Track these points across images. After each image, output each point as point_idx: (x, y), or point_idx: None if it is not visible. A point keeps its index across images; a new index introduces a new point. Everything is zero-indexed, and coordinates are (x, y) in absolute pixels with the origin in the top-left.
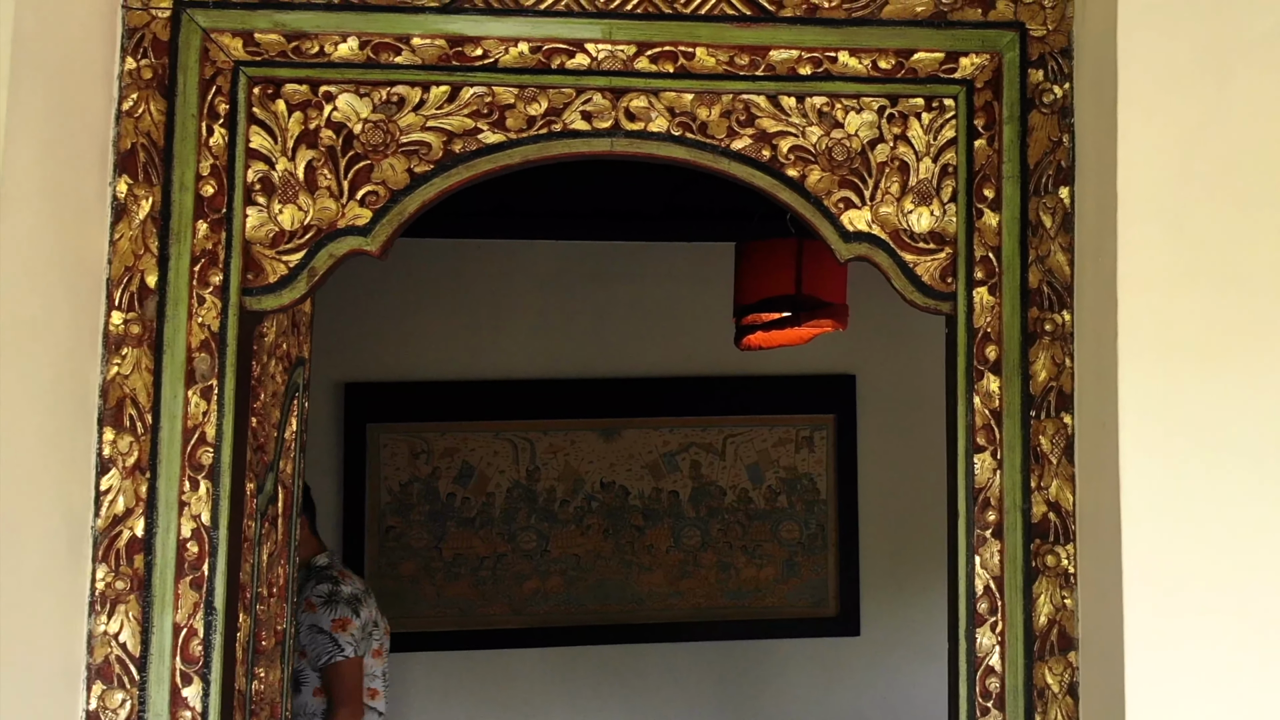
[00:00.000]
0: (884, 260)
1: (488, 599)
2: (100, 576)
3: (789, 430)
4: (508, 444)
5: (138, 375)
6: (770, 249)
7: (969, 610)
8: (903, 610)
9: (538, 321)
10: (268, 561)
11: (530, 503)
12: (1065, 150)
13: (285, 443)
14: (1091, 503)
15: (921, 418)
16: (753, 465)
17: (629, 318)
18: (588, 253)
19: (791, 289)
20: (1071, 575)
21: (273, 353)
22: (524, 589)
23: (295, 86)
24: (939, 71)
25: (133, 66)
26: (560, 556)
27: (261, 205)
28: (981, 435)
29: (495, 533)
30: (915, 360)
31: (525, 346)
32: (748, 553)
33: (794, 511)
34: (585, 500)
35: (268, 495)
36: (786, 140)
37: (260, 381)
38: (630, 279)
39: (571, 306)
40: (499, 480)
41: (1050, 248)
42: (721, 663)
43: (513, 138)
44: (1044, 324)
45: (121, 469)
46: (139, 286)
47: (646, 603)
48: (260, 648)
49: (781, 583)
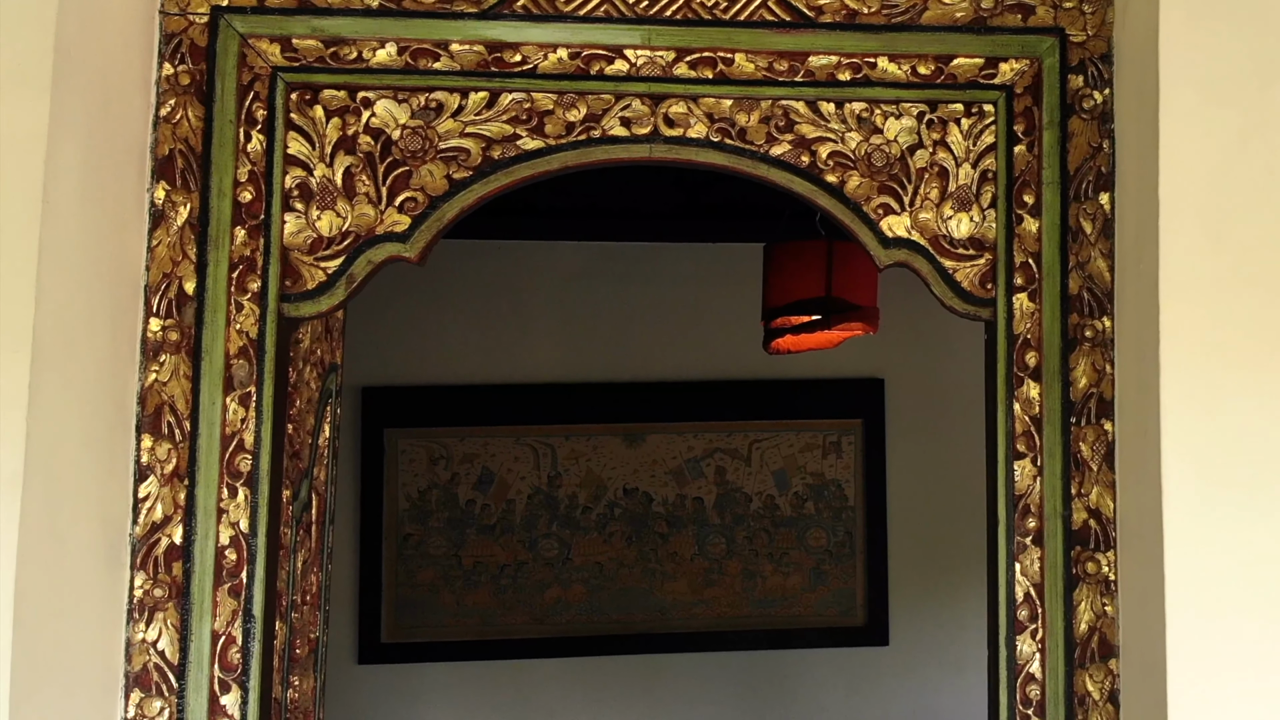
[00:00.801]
0: (923, 266)
1: (508, 608)
2: (139, 584)
3: (816, 435)
4: (528, 449)
5: (176, 382)
6: (799, 250)
7: (1009, 617)
8: (933, 620)
9: (559, 324)
10: (302, 569)
11: (551, 509)
12: (1105, 156)
13: (319, 449)
14: (1132, 509)
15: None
16: (779, 471)
17: (653, 320)
18: (611, 253)
19: (821, 291)
20: (1112, 582)
21: (308, 359)
22: (545, 598)
23: (333, 92)
24: (978, 77)
25: (170, 72)
26: (582, 564)
27: (300, 211)
28: (1021, 442)
29: (516, 540)
30: (945, 364)
31: (547, 349)
32: (774, 561)
33: (821, 518)
34: (608, 507)
35: (302, 502)
36: (825, 146)
37: (296, 388)
38: (655, 280)
39: (594, 308)
40: (519, 486)
41: (1090, 254)
42: (747, 673)
43: (551, 144)
44: (1084, 330)
45: (160, 476)
46: (177, 293)
47: (670, 612)
48: (295, 656)
49: (808, 591)
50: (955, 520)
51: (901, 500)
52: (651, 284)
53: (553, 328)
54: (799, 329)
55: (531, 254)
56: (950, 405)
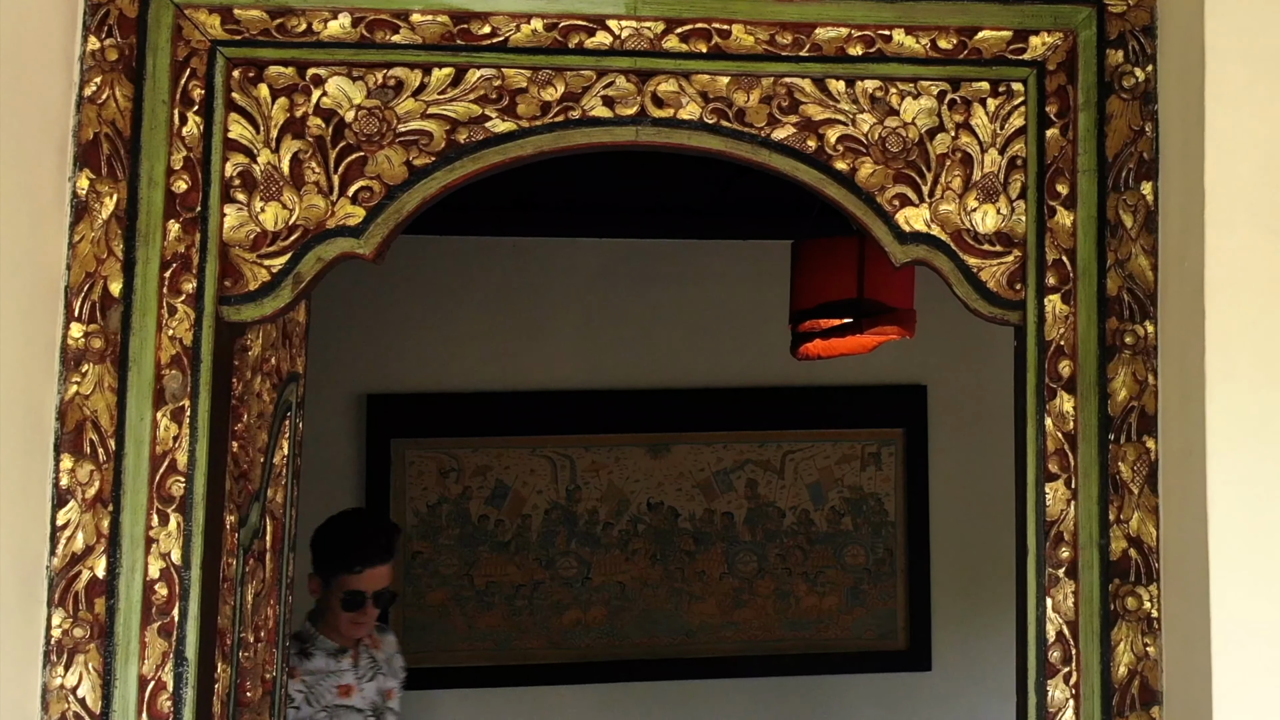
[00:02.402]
0: (944, 264)
1: (524, 631)
2: (56, 623)
3: (854, 446)
4: (546, 461)
5: (100, 395)
6: (830, 248)
7: (1039, 659)
8: (978, 643)
9: (579, 327)
10: (253, 602)
11: (570, 525)
12: (1148, 141)
13: (275, 469)
14: (1177, 538)
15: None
16: (814, 484)
17: (679, 322)
18: (633, 251)
19: (853, 292)
20: (1155, 620)
21: (258, 368)
22: (563, 620)
23: (280, 69)
24: (1006, 52)
25: (96, 47)
26: (603, 584)
27: (241, 203)
28: (1054, 461)
29: (532, 558)
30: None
31: (565, 354)
32: (809, 580)
33: (859, 535)
34: (630, 523)
35: (252, 528)
36: (834, 129)
37: (243, 401)
38: (680, 280)
39: (615, 310)
40: (536, 501)
41: (1131, 250)
42: (780, 701)
43: (525, 126)
44: (1124, 336)
45: (81, 501)
46: (101, 295)
47: (697, 635)
48: (244, 700)
49: (846, 613)
50: (1002, 536)
51: (945, 515)
52: (678, 283)
53: (572, 330)
54: (829, 333)
55: (549, 251)
56: (997, 413)
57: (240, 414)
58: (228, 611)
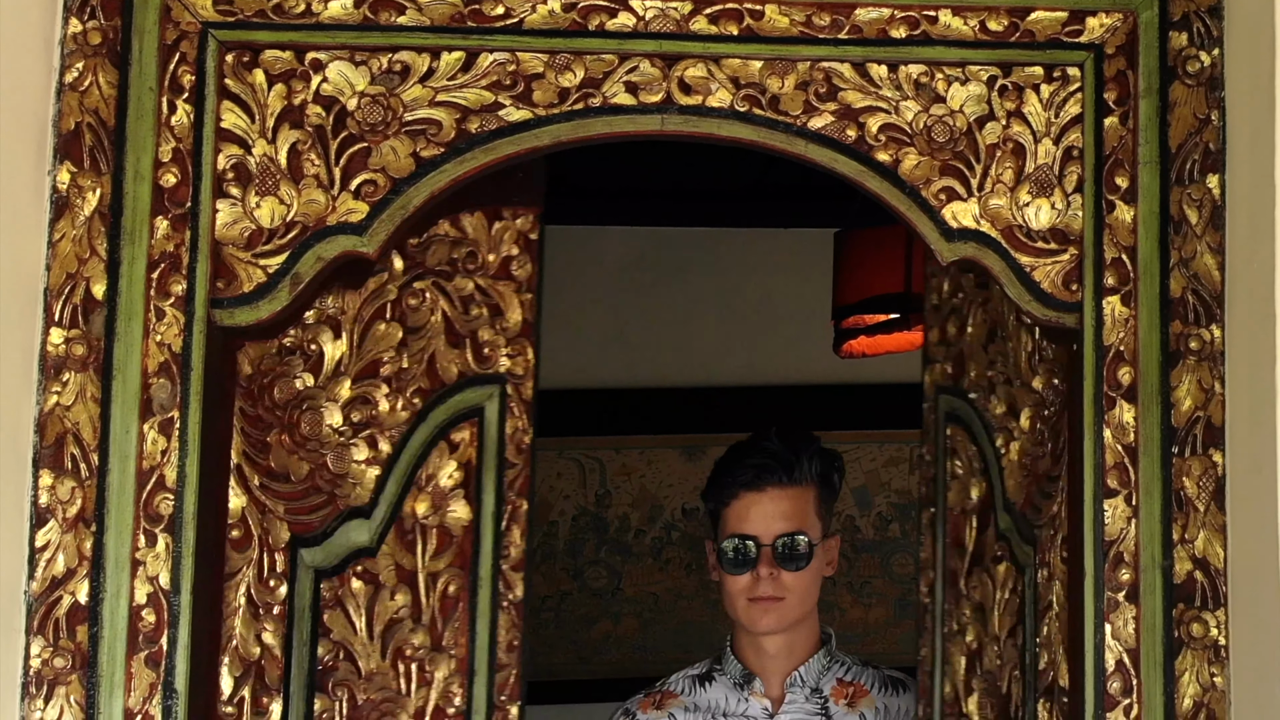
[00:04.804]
0: (995, 263)
1: (549, 645)
2: (36, 652)
3: (902, 448)
4: (573, 464)
5: (82, 406)
6: (875, 239)
7: (1098, 691)
8: None
9: (608, 320)
10: (384, 629)
11: (599, 533)
12: (1214, 130)
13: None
14: (1246, 560)
15: None
16: (860, 489)
17: (715, 316)
18: (668, 240)
19: (900, 286)
20: (1223, 648)
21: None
22: (592, 633)
23: (276, 53)
24: (1061, 34)
25: (78, 30)
26: (635, 595)
27: (235, 198)
28: (1113, 476)
29: (558, 568)
30: None
31: (593, 350)
32: (854, 591)
33: (908, 542)
34: (664, 530)
35: (346, 548)
36: (876, 118)
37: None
38: (718, 270)
39: (647, 303)
40: (563, 506)
41: (1196, 248)
42: None
43: (541, 114)
44: (1188, 341)
45: (61, 521)
46: (84, 298)
47: None
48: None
49: (893, 626)
50: None
51: None
52: (714, 274)
53: (600, 325)
54: (874, 329)
55: (576, 240)
56: None
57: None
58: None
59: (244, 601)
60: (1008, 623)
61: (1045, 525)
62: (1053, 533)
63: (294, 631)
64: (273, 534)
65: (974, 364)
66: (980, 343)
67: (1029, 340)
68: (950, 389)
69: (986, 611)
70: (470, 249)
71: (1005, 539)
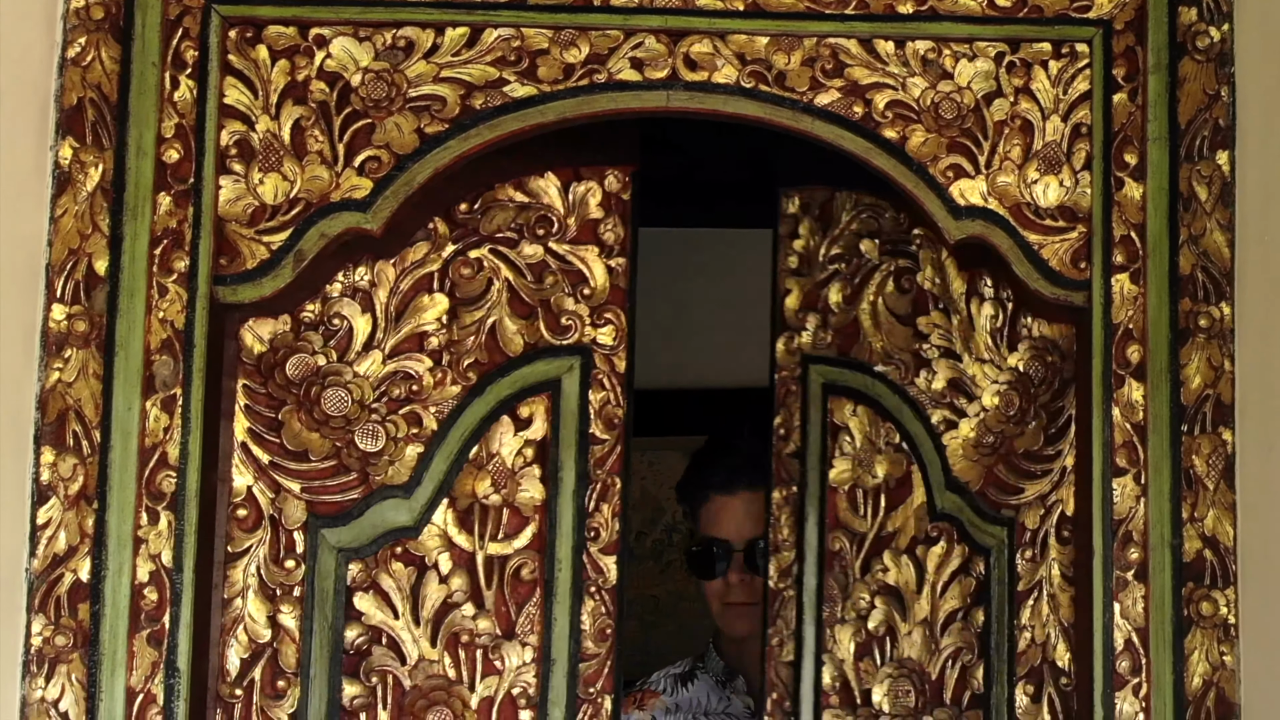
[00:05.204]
0: (1003, 241)
1: None
2: (37, 630)
3: None
4: None
5: (84, 383)
6: None
7: (1106, 670)
8: None
9: None
10: (434, 613)
11: None
12: (1224, 106)
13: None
14: (1256, 538)
15: None
16: None
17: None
18: (673, 239)
19: None
20: (1232, 627)
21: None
22: None
23: (280, 29)
24: (1070, 10)
25: (80, 4)
26: (636, 598)
27: (238, 174)
28: (1122, 455)
29: None
30: None
31: None
32: None
33: None
34: (665, 532)
35: (384, 529)
36: (883, 94)
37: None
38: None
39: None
40: None
41: (1205, 226)
42: None
43: (546, 90)
44: (1198, 319)
45: (63, 498)
46: (85, 274)
47: None
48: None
49: None
50: None
51: None
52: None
53: None
54: None
55: None
56: None
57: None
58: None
59: (254, 582)
60: (951, 605)
61: (1028, 506)
62: (1044, 513)
63: (314, 613)
64: (286, 513)
65: (881, 336)
66: (895, 313)
67: (999, 314)
68: (831, 360)
69: (907, 596)
70: (541, 213)
71: (950, 519)
